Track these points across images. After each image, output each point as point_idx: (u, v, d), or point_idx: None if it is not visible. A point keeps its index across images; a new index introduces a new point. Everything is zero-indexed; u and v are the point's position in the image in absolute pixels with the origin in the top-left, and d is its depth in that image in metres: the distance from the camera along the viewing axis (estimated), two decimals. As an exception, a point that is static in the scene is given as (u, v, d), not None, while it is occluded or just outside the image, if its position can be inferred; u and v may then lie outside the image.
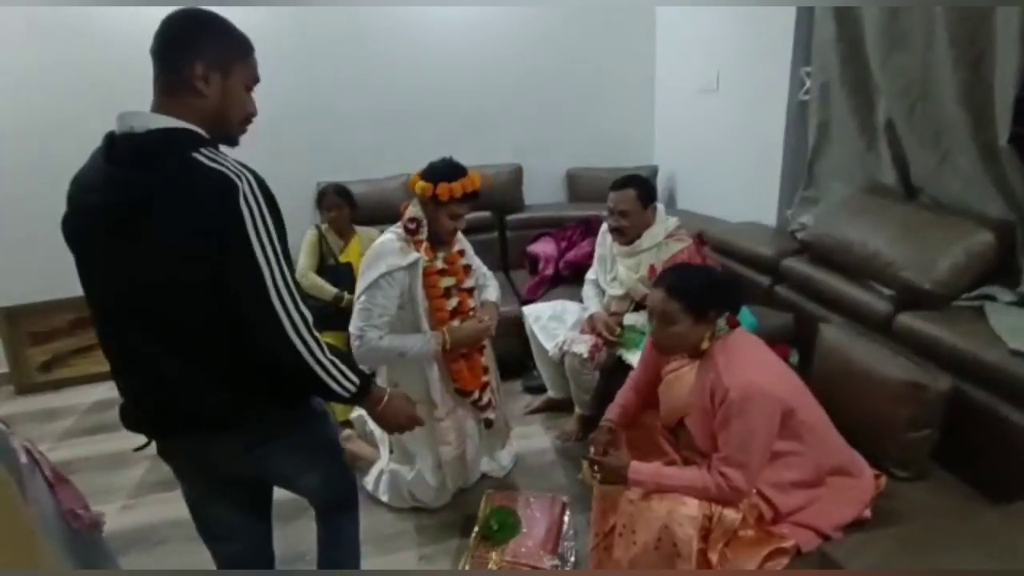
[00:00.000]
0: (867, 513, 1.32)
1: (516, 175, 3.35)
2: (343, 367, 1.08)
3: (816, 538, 1.25)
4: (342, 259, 2.64)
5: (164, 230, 0.91)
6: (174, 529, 1.98)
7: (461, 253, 1.89)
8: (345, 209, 2.62)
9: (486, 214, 3.28)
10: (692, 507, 1.27)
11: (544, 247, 3.10)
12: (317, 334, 1.04)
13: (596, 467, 1.43)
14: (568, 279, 2.89)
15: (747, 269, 2.31)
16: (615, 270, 2.21)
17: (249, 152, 1.12)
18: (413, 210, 1.74)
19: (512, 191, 3.35)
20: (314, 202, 2.78)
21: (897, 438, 1.42)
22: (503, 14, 3.23)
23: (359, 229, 2.72)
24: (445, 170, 1.70)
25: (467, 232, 1.96)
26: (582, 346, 2.09)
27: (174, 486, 2.19)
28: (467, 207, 1.75)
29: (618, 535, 1.39)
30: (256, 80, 1.08)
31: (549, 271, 2.98)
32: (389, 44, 3.15)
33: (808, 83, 2.27)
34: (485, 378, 1.95)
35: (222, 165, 0.92)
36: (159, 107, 0.98)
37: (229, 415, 1.04)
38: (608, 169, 3.40)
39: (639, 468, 1.36)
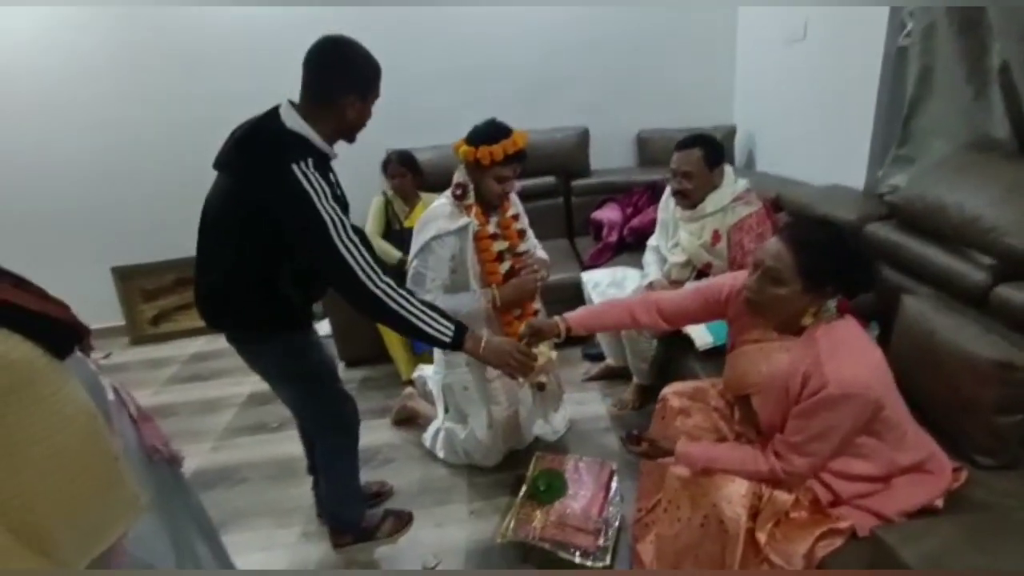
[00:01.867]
0: (939, 503, 1.21)
1: (582, 138, 3.26)
2: (435, 315, 1.36)
3: (874, 521, 1.16)
4: (407, 224, 2.72)
5: (244, 192, 1.27)
6: (254, 469, 2.19)
7: (515, 217, 1.88)
8: (408, 176, 2.67)
9: (550, 179, 3.23)
10: (741, 485, 1.23)
11: (609, 213, 3.02)
12: (405, 292, 1.33)
13: (643, 443, 1.41)
14: (632, 246, 2.81)
15: (826, 236, 2.13)
16: (677, 236, 2.12)
17: None
18: (459, 175, 1.73)
19: (578, 155, 3.27)
20: (380, 168, 2.85)
21: (983, 422, 1.28)
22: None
23: (424, 195, 2.77)
24: (487, 133, 1.66)
25: (530, 198, 1.93)
26: (639, 314, 2.03)
27: (256, 431, 2.46)
28: (512, 169, 1.70)
29: (663, 511, 1.37)
30: (378, 97, 1.39)
31: (613, 238, 2.91)
32: (457, 8, 3.13)
33: (909, 25, 2.01)
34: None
35: (306, 178, 1.22)
36: (305, 112, 1.30)
37: (229, 322, 1.44)
38: (681, 130, 3.18)
39: (688, 447, 1.32)
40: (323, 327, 3.03)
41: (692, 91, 3.40)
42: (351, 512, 1.76)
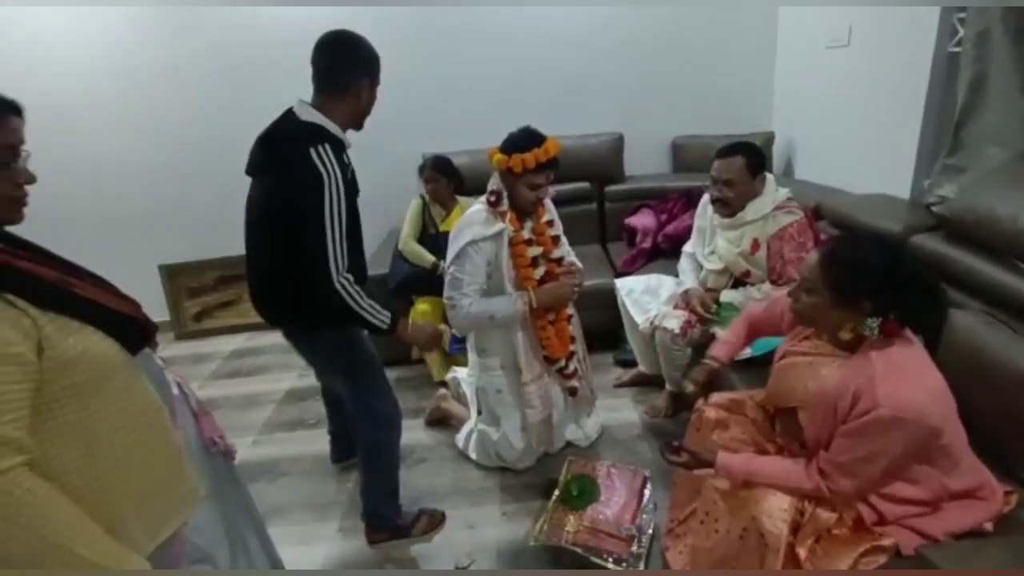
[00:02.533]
0: (988, 526, 1.17)
1: (617, 144, 3.26)
2: (377, 308, 1.48)
3: (919, 540, 1.14)
4: (442, 228, 2.75)
5: (273, 190, 1.40)
6: (294, 464, 2.25)
7: (550, 223, 1.90)
8: (443, 181, 2.71)
9: (584, 185, 3.23)
10: (783, 499, 1.21)
11: (643, 219, 3.01)
12: (358, 288, 1.44)
13: (683, 454, 1.40)
14: (666, 253, 2.80)
15: (869, 246, 2.09)
16: (714, 243, 2.10)
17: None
18: (494, 181, 1.76)
19: (612, 161, 3.26)
20: (417, 172, 2.89)
21: (1036, 443, 1.24)
22: (609, -25, 3.11)
23: (461, 200, 2.81)
24: (520, 140, 1.69)
25: (564, 203, 1.95)
26: (674, 321, 2.03)
27: (295, 427, 2.53)
28: (545, 176, 1.73)
29: (699, 522, 1.37)
30: (379, 83, 1.51)
31: (647, 244, 2.90)
32: (493, 14, 3.17)
33: (961, 31, 1.96)
34: (572, 347, 1.97)
35: (322, 161, 1.33)
36: (319, 104, 1.42)
37: (278, 317, 1.58)
38: (718, 136, 3.19)
39: (728, 459, 1.30)
40: (359, 327, 3.10)
41: (729, 97, 3.36)
42: (388, 509, 1.80)
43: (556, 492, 1.77)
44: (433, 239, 2.76)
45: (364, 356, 1.63)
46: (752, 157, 1.93)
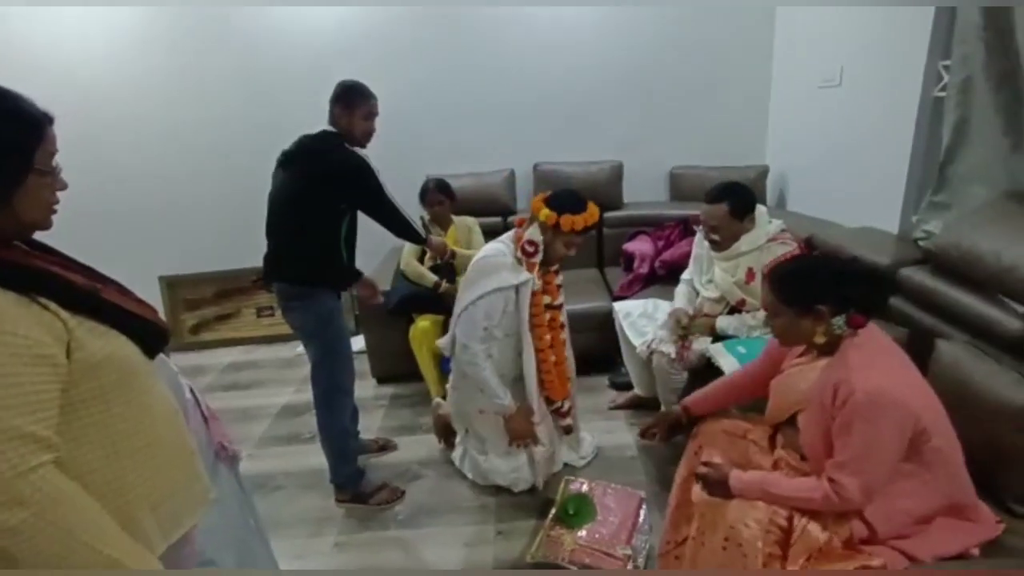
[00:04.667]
0: (975, 552, 1.21)
1: (616, 172, 3.35)
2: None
3: (906, 562, 1.17)
4: (442, 247, 2.81)
5: (313, 180, 1.80)
6: (289, 478, 2.25)
7: (557, 272, 1.96)
8: (447, 203, 2.78)
9: (584, 210, 3.31)
10: (759, 508, 1.25)
11: (640, 245, 3.08)
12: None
13: (699, 478, 1.42)
14: (663, 279, 2.85)
15: (859, 278, 2.16)
16: (711, 272, 2.17)
17: (370, 145, 1.50)
18: (532, 233, 1.77)
19: (611, 188, 3.35)
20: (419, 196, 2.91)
21: (1020, 470, 1.29)
22: (611, 8, 3.23)
23: (456, 219, 2.87)
24: (570, 202, 1.75)
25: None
26: (670, 345, 2.08)
27: (292, 441, 2.53)
28: (584, 238, 1.80)
29: (691, 541, 1.39)
30: (372, 115, 1.88)
31: (644, 270, 2.96)
32: (495, 41, 3.29)
33: (946, 78, 2.06)
34: (570, 387, 2.06)
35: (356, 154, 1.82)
36: (330, 120, 1.86)
37: (289, 275, 1.89)
38: (714, 168, 3.31)
39: (741, 476, 1.32)
40: (357, 342, 3.12)
41: (725, 130, 3.48)
42: (347, 467, 2.03)
43: (553, 511, 1.78)
44: (433, 258, 2.81)
45: (342, 330, 1.96)
46: (736, 203, 1.98)
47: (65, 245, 0.92)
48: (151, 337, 0.93)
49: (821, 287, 1.24)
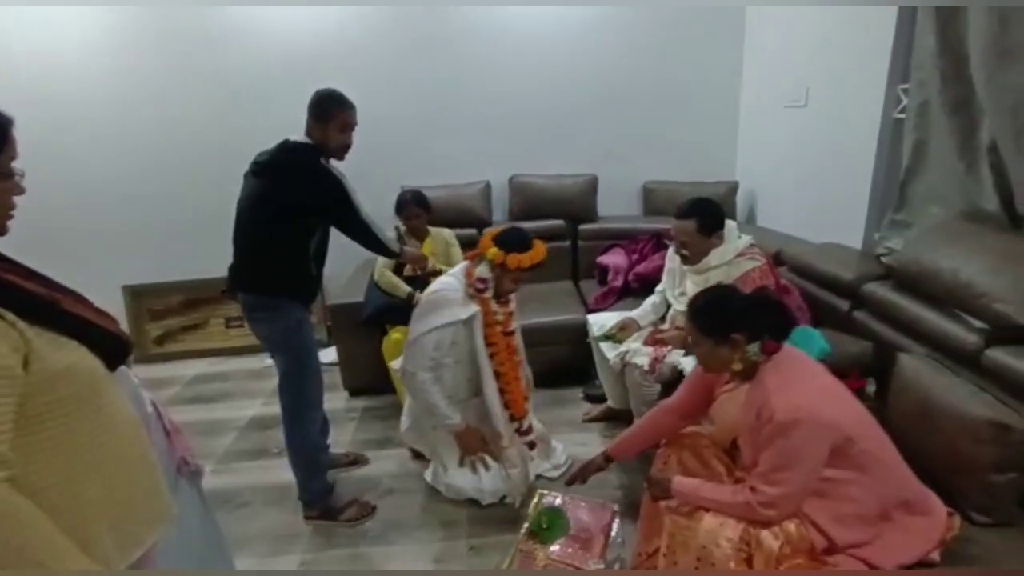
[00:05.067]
0: (935, 556, 1.24)
1: (591, 185, 3.39)
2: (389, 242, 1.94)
3: (870, 572, 1.20)
4: (417, 258, 2.79)
5: (285, 192, 1.75)
6: (255, 494, 2.19)
7: (508, 302, 2.03)
8: (424, 216, 2.77)
9: (559, 223, 3.34)
10: (728, 527, 1.27)
11: (614, 258, 3.11)
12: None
13: (647, 482, 1.46)
14: (637, 291, 2.88)
15: (825, 292, 2.22)
16: (684, 285, 2.20)
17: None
18: (482, 270, 1.88)
19: (586, 201, 3.39)
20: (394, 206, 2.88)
21: (979, 480, 1.33)
22: (586, 24, 3.30)
23: (432, 230, 2.86)
24: (517, 241, 1.85)
25: (539, 240, 2.04)
26: (643, 358, 2.10)
27: (258, 455, 2.46)
28: (530, 275, 1.90)
29: (662, 556, 1.40)
30: (348, 127, 1.81)
31: (618, 283, 2.99)
32: (471, 54, 3.31)
33: (905, 101, 2.15)
34: (528, 406, 2.09)
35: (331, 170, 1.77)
36: (306, 131, 1.80)
37: (257, 286, 1.83)
38: (686, 183, 3.37)
39: (682, 482, 1.40)
40: (329, 354, 3.07)
41: (697, 147, 3.56)
42: (315, 483, 1.98)
43: (525, 525, 1.76)
44: (413, 270, 2.79)
45: (310, 342, 1.91)
46: (704, 219, 2.02)
47: (23, 254, 0.88)
48: (112, 348, 0.90)
49: (735, 317, 1.31)
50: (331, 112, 1.77)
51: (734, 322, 1.30)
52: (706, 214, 2.03)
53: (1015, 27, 1.60)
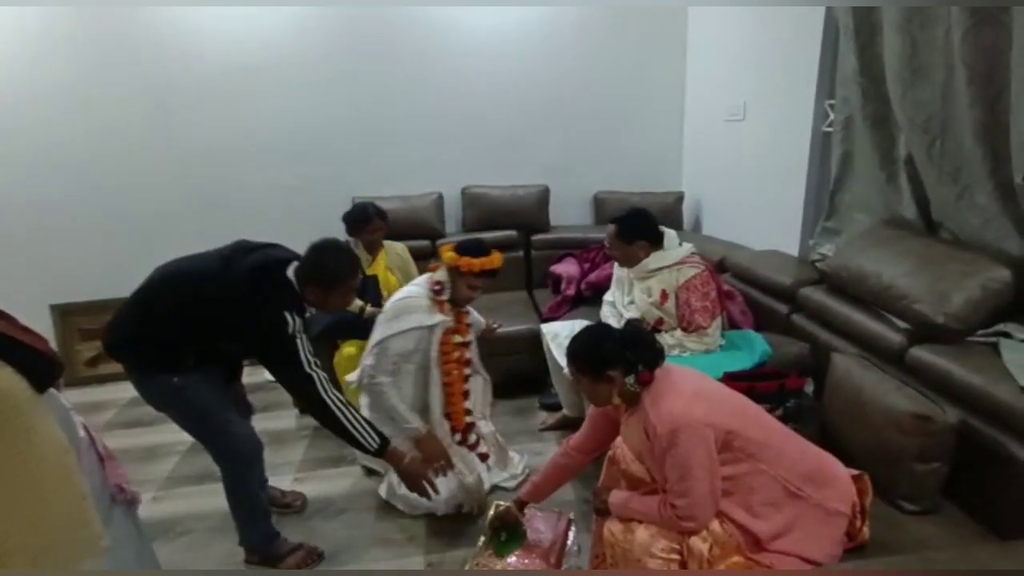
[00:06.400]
0: (866, 531, 1.31)
1: (543, 196, 3.44)
2: (368, 427, 1.67)
3: (806, 567, 1.25)
4: (369, 272, 2.75)
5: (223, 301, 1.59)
6: (198, 521, 2.09)
7: (466, 313, 2.10)
8: (384, 230, 2.74)
9: (512, 233, 3.36)
10: (663, 539, 1.30)
11: (567, 268, 3.16)
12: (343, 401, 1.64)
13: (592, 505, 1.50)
14: (589, 300, 2.93)
15: (766, 296, 2.33)
16: (632, 293, 2.26)
17: (291, 167, 1.40)
18: (441, 274, 1.97)
19: (538, 211, 3.43)
20: (345, 218, 2.82)
21: (906, 470, 1.41)
22: (538, 35, 3.36)
23: (386, 243, 2.83)
24: (472, 248, 1.94)
25: (493, 249, 2.06)
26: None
27: (201, 481, 2.36)
28: (484, 282, 1.97)
29: (609, 562, 1.43)
30: (350, 291, 1.71)
31: (571, 291, 3.03)
32: (422, 66, 3.31)
33: (832, 116, 2.29)
34: (468, 419, 2.12)
35: (293, 320, 1.56)
36: (298, 277, 1.63)
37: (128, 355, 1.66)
38: (635, 193, 3.47)
39: (615, 495, 1.44)
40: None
41: (644, 158, 3.67)
42: (252, 532, 1.86)
43: (482, 537, 1.76)
44: (360, 283, 2.74)
45: (198, 402, 1.68)
46: (624, 226, 2.14)
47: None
48: (41, 370, 0.85)
49: (608, 356, 1.37)
50: (344, 281, 1.64)
51: (607, 360, 1.36)
52: (626, 222, 2.14)
53: (923, 49, 1.74)
